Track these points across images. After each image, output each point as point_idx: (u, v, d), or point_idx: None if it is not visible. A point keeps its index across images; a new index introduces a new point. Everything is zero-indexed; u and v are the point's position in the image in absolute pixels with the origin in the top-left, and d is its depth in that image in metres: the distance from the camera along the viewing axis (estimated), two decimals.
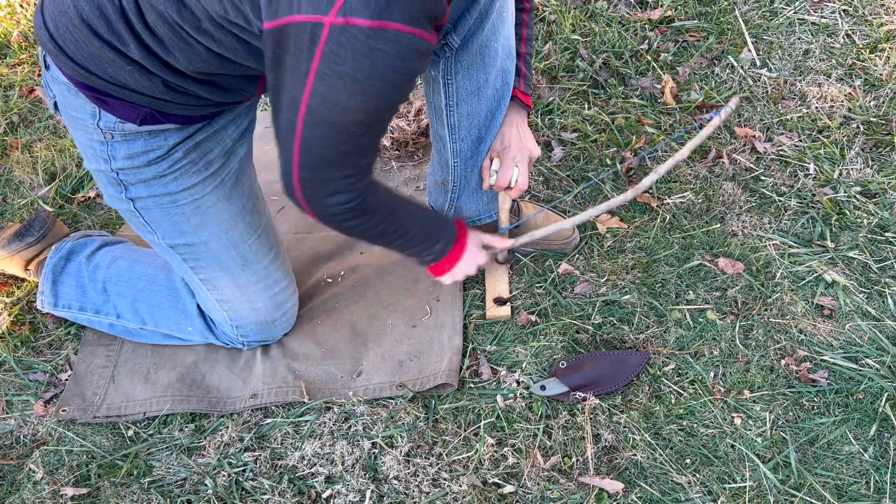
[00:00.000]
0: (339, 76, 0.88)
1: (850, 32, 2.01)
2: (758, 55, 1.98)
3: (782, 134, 1.81)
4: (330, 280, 1.63)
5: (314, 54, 0.87)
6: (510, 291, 1.56)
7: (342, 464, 1.34)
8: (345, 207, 1.09)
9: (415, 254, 1.31)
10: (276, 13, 0.88)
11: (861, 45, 1.98)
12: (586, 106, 1.92)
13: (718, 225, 1.64)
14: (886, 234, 1.59)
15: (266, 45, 0.92)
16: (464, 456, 1.33)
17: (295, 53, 0.89)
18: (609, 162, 1.78)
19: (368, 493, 1.30)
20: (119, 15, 1.01)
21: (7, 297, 1.65)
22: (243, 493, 1.32)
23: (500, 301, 1.53)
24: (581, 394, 1.37)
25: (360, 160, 1.05)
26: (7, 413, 1.47)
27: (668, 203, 1.69)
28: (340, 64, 0.87)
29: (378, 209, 1.15)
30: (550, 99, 1.93)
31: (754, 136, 1.79)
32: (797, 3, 2.10)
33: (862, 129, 1.79)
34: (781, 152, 1.77)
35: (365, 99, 0.91)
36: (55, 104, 1.21)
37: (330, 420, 1.40)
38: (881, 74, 1.90)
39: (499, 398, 1.40)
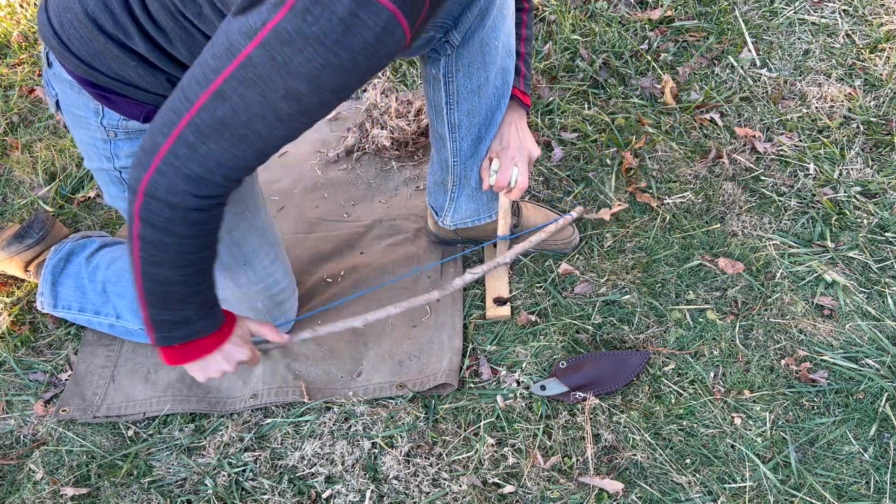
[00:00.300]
0: (302, 35, 0.79)
1: (850, 32, 2.01)
2: (758, 55, 1.98)
3: (782, 134, 1.81)
4: (330, 280, 1.63)
5: (282, 5, 0.79)
6: (510, 291, 1.56)
7: (342, 464, 1.34)
8: (201, 203, 0.94)
9: (165, 320, 1.06)
10: None
11: (861, 45, 1.98)
12: (586, 106, 1.92)
13: (718, 225, 1.64)
14: (886, 234, 1.59)
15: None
16: (464, 456, 1.33)
17: (259, 3, 0.81)
18: (609, 162, 1.78)
19: (368, 493, 1.30)
20: (123, 8, 1.01)
21: (7, 297, 1.65)
22: (243, 493, 1.32)
23: (500, 301, 1.53)
24: (581, 394, 1.37)
25: (261, 146, 0.91)
26: (7, 413, 1.47)
27: (668, 203, 1.69)
28: (311, 23, 0.79)
29: (209, 230, 1.00)
30: (550, 99, 1.93)
31: (754, 136, 1.79)
32: (797, 3, 2.10)
33: (862, 129, 1.79)
34: (781, 152, 1.77)
35: (321, 68, 0.82)
36: (57, 102, 1.21)
37: (330, 420, 1.40)
38: (881, 74, 1.90)
39: (499, 398, 1.40)
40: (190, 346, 1.10)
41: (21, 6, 2.46)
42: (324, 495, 1.31)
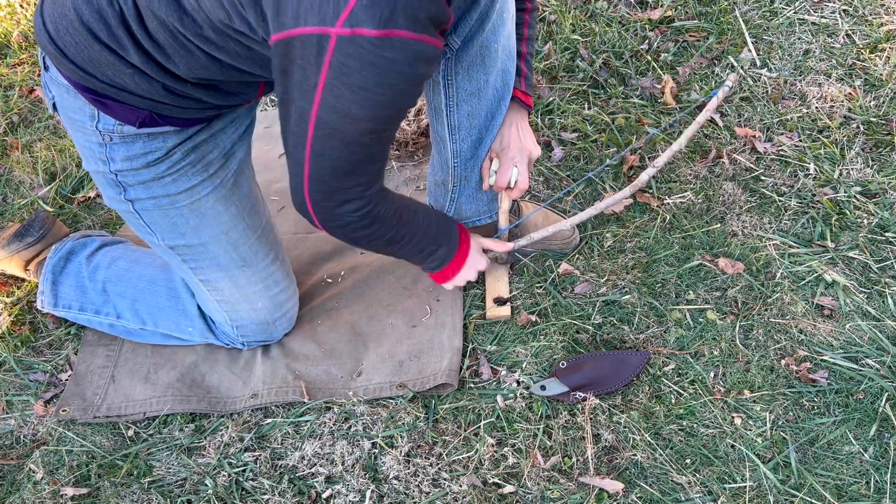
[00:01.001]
0: (347, 86, 0.89)
1: (850, 32, 2.01)
2: (758, 55, 1.98)
3: (782, 134, 1.81)
4: (330, 280, 1.63)
5: (322, 66, 0.88)
6: (510, 291, 1.56)
7: (342, 464, 1.34)
8: (356, 216, 1.11)
9: (420, 261, 1.34)
10: (283, 25, 0.88)
11: (861, 45, 1.98)
12: (586, 106, 1.92)
13: (718, 225, 1.64)
14: (886, 234, 1.59)
15: (274, 57, 0.93)
16: (464, 456, 1.33)
17: (302, 65, 0.90)
18: (609, 161, 1.78)
19: (368, 493, 1.30)
20: (119, 21, 1.01)
21: (7, 297, 1.65)
22: (243, 493, 1.32)
23: (500, 301, 1.53)
24: (581, 394, 1.37)
25: (370, 166, 1.06)
26: (7, 413, 1.47)
27: (668, 203, 1.69)
28: (349, 74, 0.88)
29: (388, 217, 1.17)
30: (550, 99, 1.93)
31: (754, 136, 1.79)
32: (797, 3, 2.10)
33: (862, 129, 1.79)
34: (781, 152, 1.77)
35: (374, 107, 0.92)
36: (54, 105, 1.21)
37: (330, 420, 1.40)
38: (881, 74, 1.90)
39: (499, 398, 1.40)
40: (451, 265, 1.37)
41: (21, 6, 2.46)
42: (324, 495, 1.31)
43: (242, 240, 1.36)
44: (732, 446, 1.31)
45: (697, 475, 1.28)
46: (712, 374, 1.41)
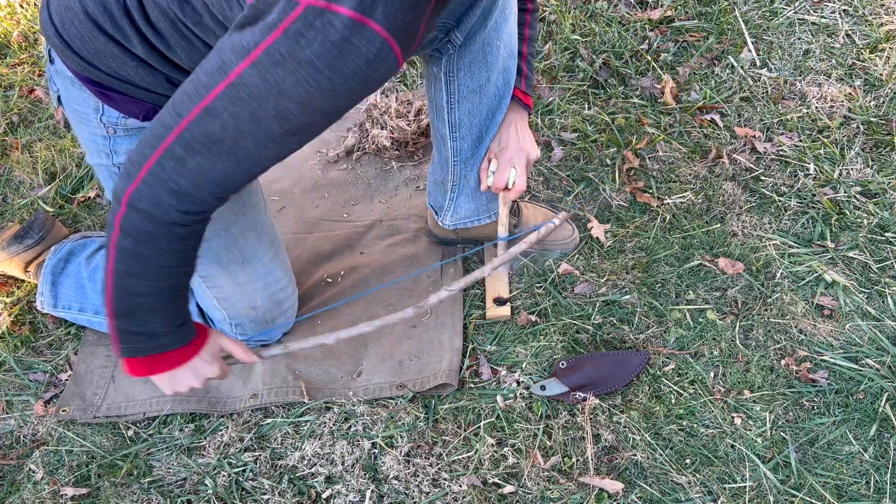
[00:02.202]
0: (293, 57, 0.80)
1: (850, 32, 2.01)
2: (758, 55, 1.98)
3: (782, 134, 1.81)
4: (330, 280, 1.63)
5: (278, 25, 0.80)
6: (510, 291, 1.56)
7: (342, 464, 1.34)
8: (184, 218, 0.93)
9: (131, 331, 1.04)
10: None
11: (861, 45, 1.98)
12: (586, 106, 1.92)
13: (718, 225, 1.64)
14: (886, 234, 1.59)
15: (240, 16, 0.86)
16: (464, 456, 1.33)
17: (254, 16, 0.82)
18: (609, 162, 1.78)
19: (368, 493, 1.30)
20: (122, 12, 1.01)
21: (7, 297, 1.65)
22: (243, 493, 1.32)
23: (500, 301, 1.53)
24: (581, 394, 1.37)
25: (249, 167, 0.91)
26: (7, 413, 1.47)
27: (668, 203, 1.69)
28: (304, 46, 0.79)
29: (188, 245, 1.00)
30: (550, 99, 1.93)
31: (754, 136, 1.79)
32: (797, 3, 2.10)
33: (862, 129, 1.79)
34: (781, 152, 1.77)
35: (311, 91, 0.82)
36: (59, 98, 1.21)
37: (330, 420, 1.40)
38: (881, 74, 1.90)
39: (499, 398, 1.40)
40: (156, 358, 1.07)
41: (21, 6, 2.46)
42: (324, 495, 1.31)
43: (243, 237, 1.36)
44: (732, 446, 1.31)
45: (697, 475, 1.28)
46: (712, 374, 1.41)
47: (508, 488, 1.29)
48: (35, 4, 2.46)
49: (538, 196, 1.73)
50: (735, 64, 1.96)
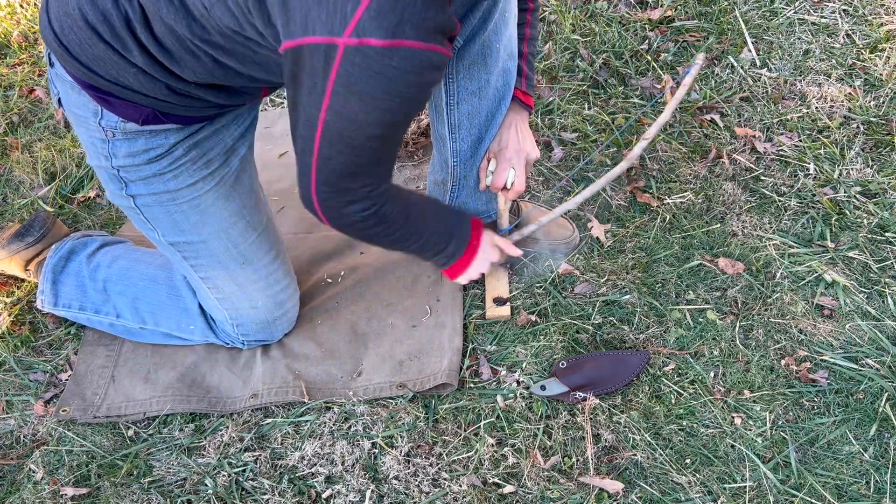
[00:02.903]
0: (354, 94, 0.90)
1: (850, 32, 2.01)
2: (758, 55, 1.98)
3: (782, 134, 1.81)
4: (330, 280, 1.63)
5: (329, 74, 0.89)
6: (510, 291, 1.56)
7: (342, 464, 1.34)
8: (363, 215, 1.12)
9: (429, 258, 1.34)
10: (292, 34, 0.89)
11: (861, 45, 1.98)
12: (586, 106, 1.92)
13: (718, 225, 1.64)
14: (886, 234, 1.59)
15: (284, 64, 0.94)
16: (464, 456, 1.33)
17: (311, 73, 0.91)
18: (609, 162, 1.78)
19: (368, 493, 1.30)
20: (123, 24, 1.01)
21: (7, 297, 1.65)
22: (243, 493, 1.32)
23: (500, 301, 1.53)
24: (581, 394, 1.37)
25: (377, 168, 1.07)
26: (7, 413, 1.47)
27: (668, 203, 1.69)
28: (356, 83, 0.88)
29: (395, 216, 1.17)
30: (550, 99, 1.93)
31: (754, 136, 1.79)
32: (797, 3, 2.10)
33: (862, 129, 1.79)
34: (781, 152, 1.77)
35: (381, 114, 0.93)
36: (59, 100, 1.22)
37: (330, 420, 1.40)
38: (881, 74, 1.90)
39: (499, 398, 1.40)
40: (462, 258, 1.35)
41: (21, 6, 2.46)
42: (324, 495, 1.31)
43: (243, 237, 1.36)
44: (732, 446, 1.31)
45: (697, 475, 1.28)
46: (712, 374, 1.41)
47: (508, 488, 1.29)
48: (35, 4, 2.46)
49: (538, 196, 1.73)
50: (735, 64, 1.96)
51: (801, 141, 1.78)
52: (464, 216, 1.37)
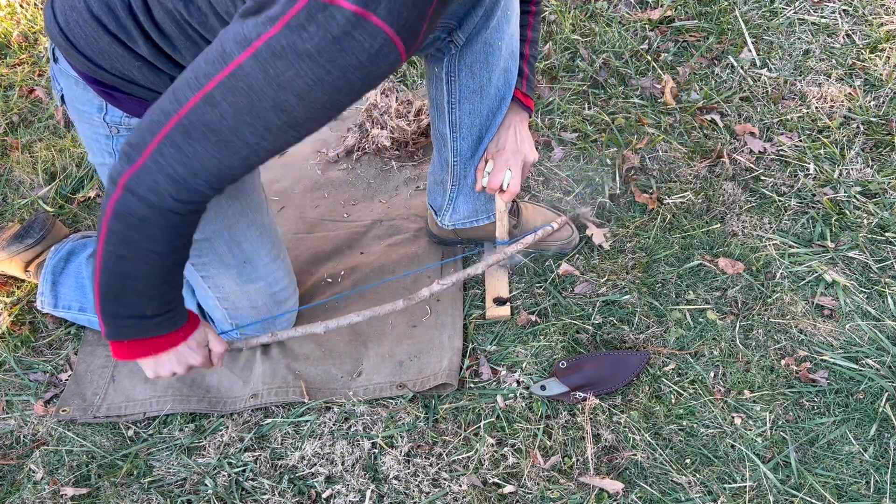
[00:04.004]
0: (294, 49, 0.80)
1: (850, 32, 2.01)
2: (758, 55, 1.98)
3: (782, 134, 1.81)
4: (330, 280, 1.63)
5: (279, 19, 0.80)
6: (510, 291, 1.56)
7: (342, 464, 1.34)
8: (162, 206, 0.93)
9: (118, 313, 1.05)
10: None
11: (861, 45, 1.98)
12: (586, 106, 1.92)
13: (718, 225, 1.64)
14: (886, 234, 1.59)
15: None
16: (464, 456, 1.34)
17: (257, 13, 0.82)
18: (609, 162, 1.78)
19: (368, 493, 1.30)
20: (127, 12, 1.01)
21: (7, 297, 1.65)
22: (243, 493, 1.32)
23: (500, 301, 1.53)
24: (581, 394, 1.37)
25: (243, 160, 0.91)
26: (7, 413, 1.47)
27: (668, 203, 1.69)
28: (305, 39, 0.79)
29: (170, 235, 0.98)
30: (550, 99, 1.93)
31: (752, 133, 1.79)
32: (797, 3, 2.10)
33: (862, 129, 1.79)
34: (781, 152, 1.77)
35: (311, 84, 0.82)
36: (62, 97, 1.21)
37: (330, 420, 1.40)
38: (881, 74, 1.90)
39: (499, 398, 1.40)
40: (141, 342, 1.08)
41: (21, 6, 2.46)
42: (324, 495, 1.31)
43: (244, 236, 1.36)
44: (732, 446, 1.31)
45: (697, 475, 1.28)
46: (712, 374, 1.41)
47: (508, 488, 1.29)
48: (35, 4, 2.46)
49: (538, 196, 1.73)
50: (735, 64, 1.96)
51: (801, 141, 1.78)
52: (182, 302, 1.12)
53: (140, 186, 0.91)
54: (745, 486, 1.27)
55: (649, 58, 2.00)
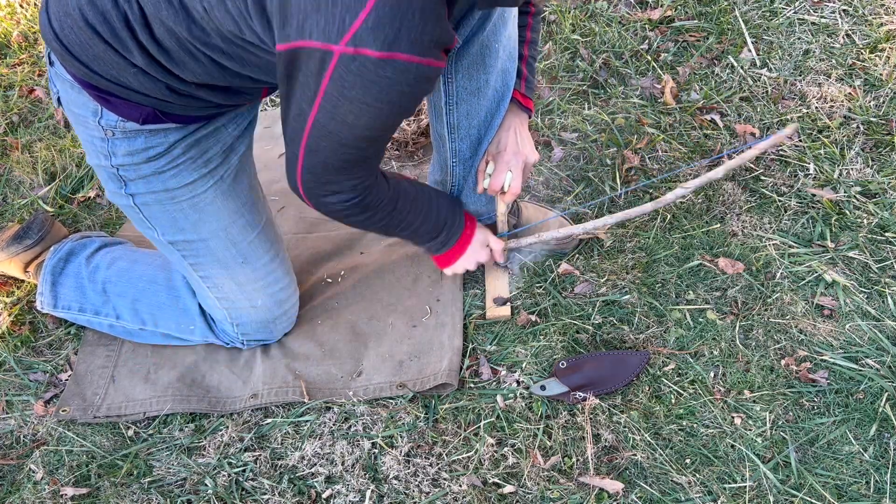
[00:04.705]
0: (346, 98, 0.92)
1: (850, 32, 2.01)
2: (758, 55, 1.98)
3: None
4: (330, 280, 1.63)
5: (323, 78, 0.91)
6: (510, 291, 1.56)
7: (342, 464, 1.34)
8: (346, 205, 1.15)
9: (420, 244, 1.41)
10: (287, 37, 0.90)
11: (861, 45, 1.98)
12: (586, 106, 1.92)
13: (718, 225, 1.64)
14: (886, 234, 1.59)
15: (279, 64, 0.96)
16: (464, 456, 1.33)
17: (304, 74, 0.93)
18: (609, 162, 1.78)
19: (368, 493, 1.30)
20: (123, 24, 1.02)
21: (7, 297, 1.65)
22: (243, 493, 1.32)
23: (500, 301, 1.53)
24: (581, 394, 1.37)
25: (363, 165, 1.10)
26: (7, 413, 1.47)
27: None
28: (349, 88, 0.91)
29: (380, 206, 1.20)
30: (550, 99, 1.93)
31: (754, 136, 1.79)
32: (797, 3, 2.10)
33: (862, 129, 1.79)
34: (781, 152, 1.77)
35: (371, 119, 0.96)
36: (59, 99, 1.22)
37: (330, 420, 1.40)
38: (881, 74, 1.90)
39: (499, 398, 1.40)
40: (446, 253, 1.41)
41: (21, 6, 2.46)
42: (324, 495, 1.31)
43: (242, 236, 1.36)
44: (732, 446, 1.31)
45: (697, 475, 1.28)
46: (712, 374, 1.41)
47: (508, 488, 1.29)
48: (35, 4, 2.46)
49: (538, 196, 1.73)
50: (735, 64, 1.96)
51: (801, 141, 1.78)
52: (458, 208, 1.41)
53: (324, 206, 1.18)
54: (745, 486, 1.27)
55: (649, 58, 2.00)
